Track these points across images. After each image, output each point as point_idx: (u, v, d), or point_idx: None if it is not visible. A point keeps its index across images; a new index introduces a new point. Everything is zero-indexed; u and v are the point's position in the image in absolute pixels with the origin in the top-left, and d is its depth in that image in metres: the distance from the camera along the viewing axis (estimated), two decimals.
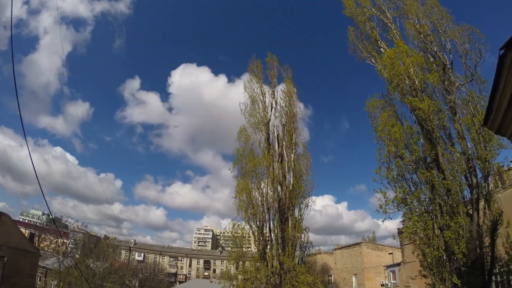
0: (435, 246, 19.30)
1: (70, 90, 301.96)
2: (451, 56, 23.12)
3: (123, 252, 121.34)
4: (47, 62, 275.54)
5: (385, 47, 25.65)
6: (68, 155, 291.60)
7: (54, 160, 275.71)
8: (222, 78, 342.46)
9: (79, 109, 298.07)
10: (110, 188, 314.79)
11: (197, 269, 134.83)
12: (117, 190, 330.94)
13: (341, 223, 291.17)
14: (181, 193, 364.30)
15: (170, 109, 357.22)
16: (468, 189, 20.25)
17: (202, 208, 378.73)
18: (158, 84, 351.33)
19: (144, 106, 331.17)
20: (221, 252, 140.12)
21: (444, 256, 19.31)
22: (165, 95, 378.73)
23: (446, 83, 22.19)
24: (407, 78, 22.42)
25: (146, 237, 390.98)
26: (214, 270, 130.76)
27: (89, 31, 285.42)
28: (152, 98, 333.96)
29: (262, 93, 34.23)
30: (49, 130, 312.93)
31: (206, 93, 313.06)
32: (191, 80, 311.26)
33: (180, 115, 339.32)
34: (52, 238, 78.68)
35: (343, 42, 30.49)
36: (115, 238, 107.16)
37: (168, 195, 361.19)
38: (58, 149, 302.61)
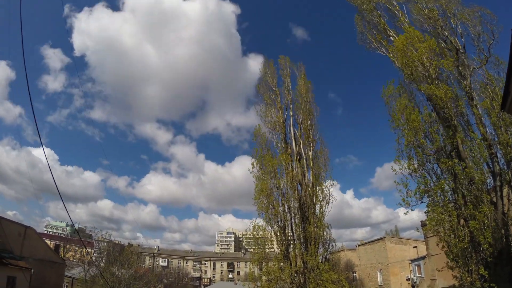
0: (460, 237, 18.86)
1: None
2: (463, 39, 22.68)
3: (147, 258, 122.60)
4: None
5: (394, 35, 25.23)
6: (41, 151, 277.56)
7: (31, 157, 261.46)
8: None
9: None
10: (88, 184, 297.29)
11: (221, 272, 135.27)
12: (95, 186, 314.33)
13: (353, 215, 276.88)
14: (153, 185, 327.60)
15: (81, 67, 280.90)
16: (491, 176, 19.80)
17: (183, 201, 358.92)
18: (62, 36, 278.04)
19: (49, 69, 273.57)
20: (244, 254, 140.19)
21: (470, 247, 18.91)
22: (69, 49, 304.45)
23: (460, 68, 21.73)
24: (420, 66, 21.88)
25: (149, 240, 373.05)
26: (238, 272, 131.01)
27: None
28: (55, 55, 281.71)
29: (276, 94, 34.36)
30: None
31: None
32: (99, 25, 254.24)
33: (95, 73, 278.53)
34: (77, 248, 79.79)
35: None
36: (138, 245, 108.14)
37: (140, 187, 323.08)
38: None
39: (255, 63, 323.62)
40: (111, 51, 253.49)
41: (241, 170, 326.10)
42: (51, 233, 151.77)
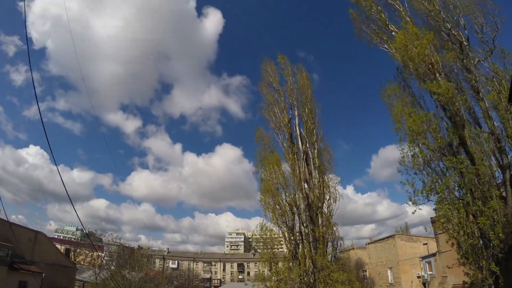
0: (469, 234, 18.58)
1: None
2: (466, 32, 22.29)
3: (157, 261, 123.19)
4: None
5: (396, 30, 24.79)
6: (30, 149, 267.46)
7: (15, 155, 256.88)
8: None
9: None
10: (77, 183, 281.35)
11: (231, 273, 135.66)
12: (83, 184, 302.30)
13: (356, 211, 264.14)
14: (139, 182, 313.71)
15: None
16: (499, 170, 19.49)
17: (172, 198, 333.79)
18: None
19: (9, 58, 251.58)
20: (254, 255, 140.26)
21: (480, 243, 18.65)
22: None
23: (464, 61, 21.37)
24: (422, 61, 21.59)
25: (151, 241, 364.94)
26: (248, 273, 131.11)
27: None
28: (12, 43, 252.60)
29: (279, 93, 34.38)
30: None
31: None
32: None
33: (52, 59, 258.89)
34: (87, 252, 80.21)
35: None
36: (148, 248, 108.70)
37: (127, 185, 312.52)
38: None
39: (210, 20, 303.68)
40: (61, 33, 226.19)
41: (224, 162, 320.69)
42: (61, 237, 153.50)
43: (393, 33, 25.01)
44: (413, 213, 20.41)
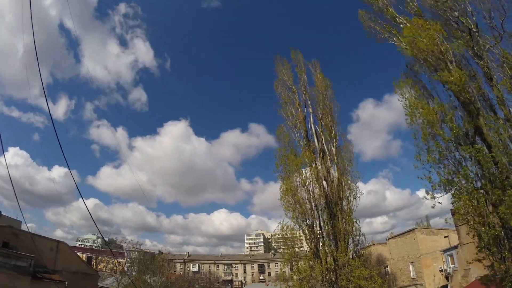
0: (490, 224, 18.41)
1: None
2: (474, 18, 21.90)
3: (178, 265, 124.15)
4: None
5: (405, 22, 24.61)
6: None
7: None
8: None
9: None
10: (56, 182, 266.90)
11: (252, 274, 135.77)
12: (62, 183, 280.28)
13: (362, 203, 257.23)
14: (107, 179, 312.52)
15: None
16: None
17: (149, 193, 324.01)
18: None
19: None
20: (274, 255, 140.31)
21: (502, 233, 18.54)
22: None
23: (475, 48, 21.11)
24: (431, 52, 21.47)
25: (153, 242, 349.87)
26: (269, 273, 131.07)
27: None
28: None
29: (293, 91, 34.40)
30: None
31: None
32: None
33: None
34: (108, 259, 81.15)
35: None
36: (168, 253, 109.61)
37: (97, 181, 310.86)
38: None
39: None
40: None
41: (177, 145, 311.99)
42: (82, 246, 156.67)
43: (401, 25, 24.88)
44: (432, 207, 20.28)
